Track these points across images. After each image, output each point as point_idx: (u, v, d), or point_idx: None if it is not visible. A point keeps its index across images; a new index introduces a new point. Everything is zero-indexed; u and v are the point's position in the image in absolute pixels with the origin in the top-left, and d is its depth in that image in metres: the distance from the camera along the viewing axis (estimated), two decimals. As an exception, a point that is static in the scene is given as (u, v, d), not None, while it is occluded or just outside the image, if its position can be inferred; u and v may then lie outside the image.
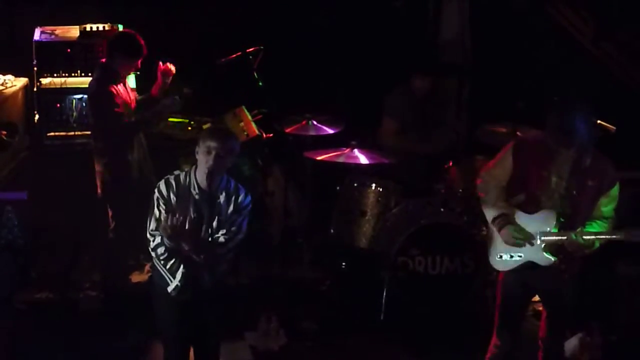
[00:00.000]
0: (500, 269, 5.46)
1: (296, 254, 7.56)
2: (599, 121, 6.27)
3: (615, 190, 5.29)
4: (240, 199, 5.10)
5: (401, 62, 7.78)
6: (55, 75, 7.37)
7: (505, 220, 5.30)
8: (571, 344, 6.38)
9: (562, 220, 5.20)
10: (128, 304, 6.73)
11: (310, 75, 8.29)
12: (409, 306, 6.64)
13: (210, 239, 5.08)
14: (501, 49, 8.10)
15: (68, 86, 7.43)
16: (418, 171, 7.00)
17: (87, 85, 7.04)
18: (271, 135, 7.22)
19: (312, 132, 7.09)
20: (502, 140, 6.54)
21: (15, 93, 7.37)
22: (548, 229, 5.23)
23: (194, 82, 7.04)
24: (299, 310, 6.82)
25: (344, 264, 7.08)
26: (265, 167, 7.46)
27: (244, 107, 7.04)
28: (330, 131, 7.13)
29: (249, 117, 7.03)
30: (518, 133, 6.71)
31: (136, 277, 7.10)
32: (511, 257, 5.35)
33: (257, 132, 7.01)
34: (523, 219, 5.30)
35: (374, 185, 6.82)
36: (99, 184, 6.72)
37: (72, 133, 7.47)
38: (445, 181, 6.97)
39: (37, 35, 7.37)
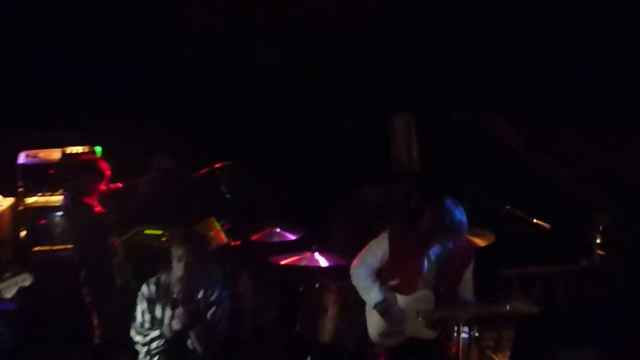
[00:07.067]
0: (386, 345, 5.74)
1: (265, 350, 7.56)
2: (535, 220, 6.89)
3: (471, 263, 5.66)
4: (216, 294, 5.46)
5: (355, 174, 8.07)
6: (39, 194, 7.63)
7: (387, 304, 5.63)
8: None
9: (439, 297, 5.51)
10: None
11: (273, 187, 8.52)
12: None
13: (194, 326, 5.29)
14: (445, 159, 8.45)
15: (51, 204, 7.63)
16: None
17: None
18: (238, 242, 7.39)
19: (277, 239, 7.30)
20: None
21: (2, 212, 7.60)
22: (428, 307, 5.52)
23: (167, 194, 7.36)
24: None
25: (309, 358, 7.00)
26: (234, 272, 7.56)
27: (213, 218, 7.27)
28: (293, 237, 7.32)
29: (218, 227, 7.25)
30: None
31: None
32: (394, 334, 5.63)
33: (225, 240, 7.25)
34: (402, 301, 5.64)
35: (333, 284, 6.88)
36: (84, 291, 6.91)
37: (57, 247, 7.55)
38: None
39: (21, 159, 7.61)
